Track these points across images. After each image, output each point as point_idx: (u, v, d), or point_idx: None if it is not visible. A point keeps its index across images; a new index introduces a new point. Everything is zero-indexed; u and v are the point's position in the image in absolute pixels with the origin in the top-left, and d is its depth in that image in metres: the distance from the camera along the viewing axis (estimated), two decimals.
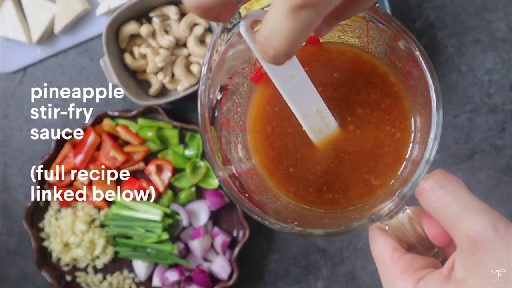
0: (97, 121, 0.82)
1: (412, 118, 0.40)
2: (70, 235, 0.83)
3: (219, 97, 0.40)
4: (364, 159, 0.40)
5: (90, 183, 0.83)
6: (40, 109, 0.87)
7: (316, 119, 0.38)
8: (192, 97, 0.82)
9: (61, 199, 0.84)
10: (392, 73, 0.41)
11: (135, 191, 0.82)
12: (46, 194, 0.85)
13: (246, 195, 0.38)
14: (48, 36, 0.85)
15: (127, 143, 0.83)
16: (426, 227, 0.36)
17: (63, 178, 0.84)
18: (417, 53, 0.36)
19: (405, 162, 0.39)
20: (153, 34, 0.79)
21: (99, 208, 0.84)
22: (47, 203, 0.85)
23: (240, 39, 0.38)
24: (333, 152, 0.40)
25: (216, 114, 0.39)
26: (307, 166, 0.41)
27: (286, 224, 0.35)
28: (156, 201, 0.83)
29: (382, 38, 0.38)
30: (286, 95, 0.36)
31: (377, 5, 0.38)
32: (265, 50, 0.28)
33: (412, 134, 0.39)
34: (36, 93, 0.87)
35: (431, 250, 0.37)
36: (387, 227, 0.36)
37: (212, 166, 0.37)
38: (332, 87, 0.40)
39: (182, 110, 0.84)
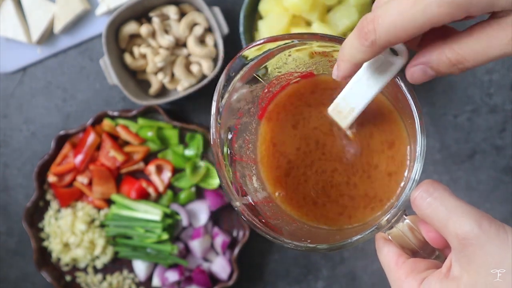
0: (97, 121, 0.82)
1: (408, 145, 0.44)
2: (70, 235, 0.83)
3: (229, 136, 0.45)
4: (369, 182, 0.45)
5: (90, 183, 0.83)
6: (40, 109, 0.87)
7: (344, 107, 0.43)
8: (192, 97, 0.82)
9: (61, 199, 0.83)
10: (385, 99, 0.45)
11: (135, 191, 0.82)
12: (46, 194, 0.85)
13: (263, 221, 0.42)
14: (48, 36, 0.85)
15: (127, 143, 0.83)
16: (424, 233, 0.40)
17: (63, 178, 0.84)
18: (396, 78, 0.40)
19: (403, 183, 0.43)
20: (153, 34, 0.79)
21: (99, 208, 0.84)
22: (46, 203, 0.85)
23: (242, 84, 0.44)
24: (339, 176, 0.46)
25: (229, 152, 0.44)
26: (315, 190, 0.46)
27: (299, 243, 0.40)
28: (156, 201, 0.83)
29: None
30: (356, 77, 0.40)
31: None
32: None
33: (408, 158, 0.44)
34: (36, 93, 0.87)
35: (433, 253, 0.40)
36: (390, 237, 0.41)
37: (229, 198, 0.42)
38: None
39: (182, 110, 0.84)
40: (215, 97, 0.42)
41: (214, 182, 0.82)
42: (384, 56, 0.38)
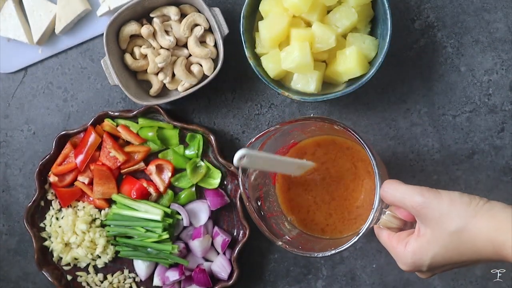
0: (97, 121, 0.83)
1: (370, 163, 0.62)
2: (71, 234, 0.83)
3: (259, 203, 0.68)
4: (355, 203, 0.70)
5: (91, 183, 0.83)
6: (41, 109, 0.87)
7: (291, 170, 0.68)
8: (192, 97, 0.82)
9: (61, 199, 0.84)
10: (352, 143, 0.69)
11: (136, 191, 0.82)
12: (47, 193, 0.85)
13: (300, 247, 0.65)
14: (49, 36, 0.86)
15: (127, 143, 0.83)
16: (399, 214, 0.59)
17: (64, 178, 0.84)
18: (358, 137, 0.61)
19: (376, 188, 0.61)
20: (153, 35, 0.79)
21: (99, 208, 0.84)
22: (48, 203, 0.85)
23: (254, 171, 0.66)
24: (335, 202, 0.71)
25: (263, 214, 0.67)
26: (322, 216, 0.72)
27: (328, 252, 0.61)
28: (156, 201, 0.83)
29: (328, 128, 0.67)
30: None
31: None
32: None
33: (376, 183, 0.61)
34: (37, 93, 0.87)
35: (411, 226, 0.59)
36: (381, 226, 0.60)
37: (272, 241, 0.64)
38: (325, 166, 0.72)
39: (182, 110, 0.84)
40: (240, 188, 0.65)
41: (214, 182, 0.82)
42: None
